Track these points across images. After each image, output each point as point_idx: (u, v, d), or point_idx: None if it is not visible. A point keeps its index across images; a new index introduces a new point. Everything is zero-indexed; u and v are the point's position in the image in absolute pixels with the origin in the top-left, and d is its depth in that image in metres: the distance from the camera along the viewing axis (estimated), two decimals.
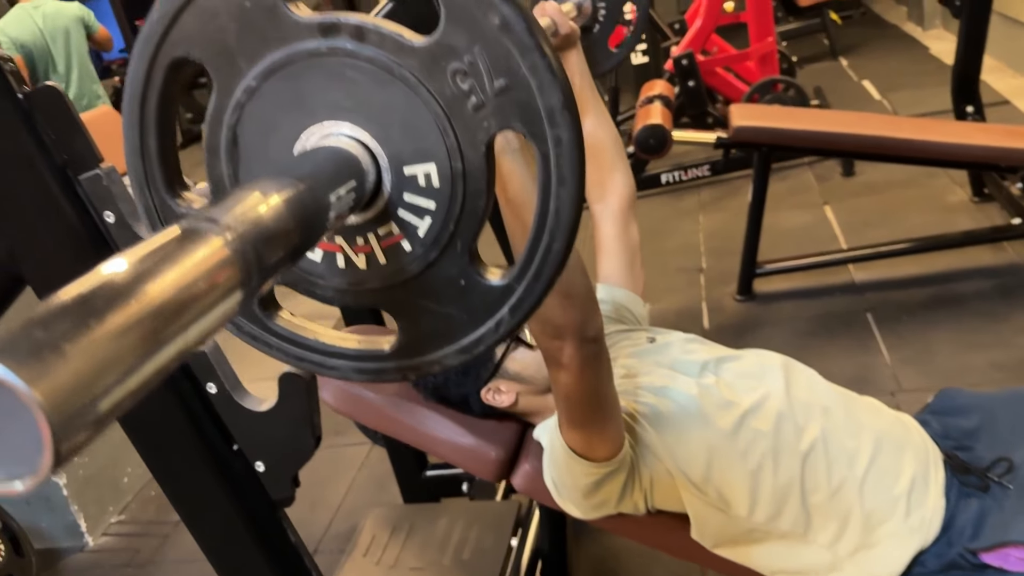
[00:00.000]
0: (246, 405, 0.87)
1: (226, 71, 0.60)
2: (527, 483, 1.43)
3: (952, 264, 3.04)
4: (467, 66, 0.57)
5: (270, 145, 0.62)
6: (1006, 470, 1.31)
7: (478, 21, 0.55)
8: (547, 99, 0.56)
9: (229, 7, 0.59)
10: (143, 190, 0.64)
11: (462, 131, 0.59)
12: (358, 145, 0.60)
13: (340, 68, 0.59)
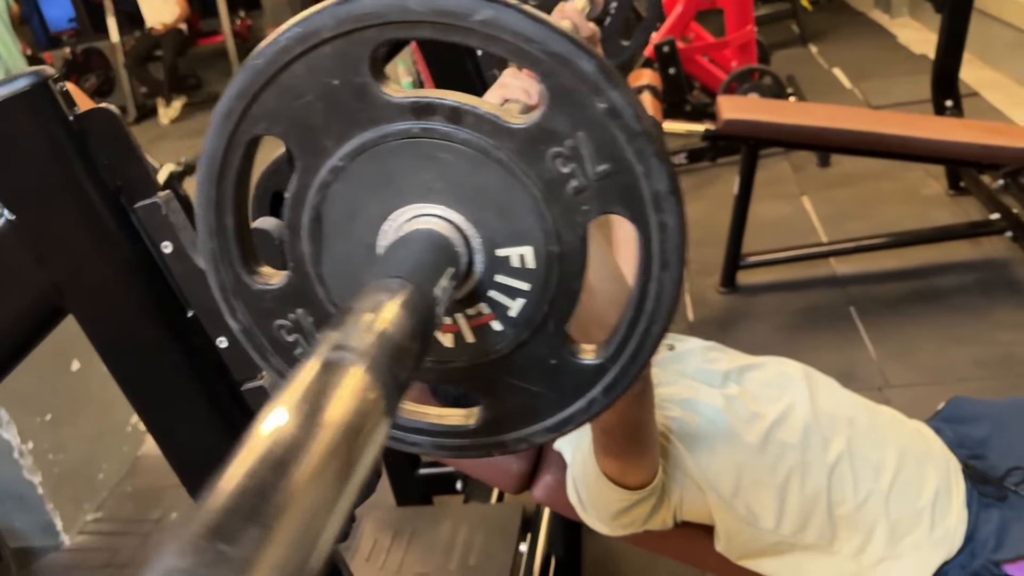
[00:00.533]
0: None
1: (310, 150, 0.58)
2: (548, 495, 1.41)
3: (931, 258, 3.09)
4: (568, 150, 0.55)
5: (356, 226, 0.60)
6: (1021, 479, 1.33)
7: (584, 106, 0.53)
8: (653, 184, 0.54)
9: (316, 86, 0.56)
10: (217, 267, 0.62)
11: (560, 214, 0.57)
12: (450, 227, 0.57)
13: (432, 149, 0.56)
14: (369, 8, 0.53)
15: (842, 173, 3.98)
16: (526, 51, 0.52)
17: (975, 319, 2.72)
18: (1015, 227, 2.94)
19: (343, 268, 0.61)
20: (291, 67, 0.55)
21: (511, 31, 0.51)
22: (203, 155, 0.59)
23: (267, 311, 0.63)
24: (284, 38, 0.55)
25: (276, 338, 0.64)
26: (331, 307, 0.62)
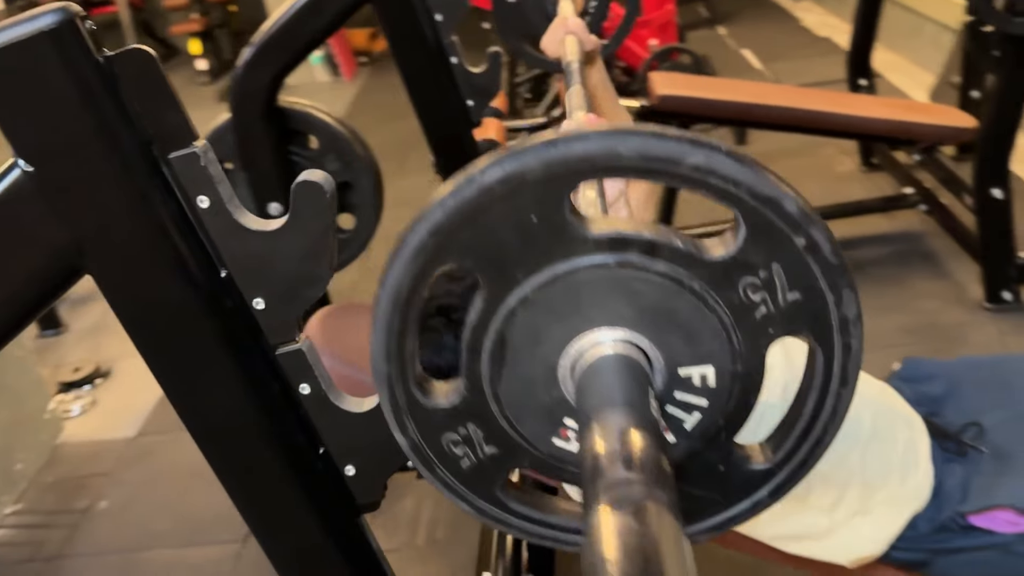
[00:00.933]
0: (343, 406, 0.79)
1: (499, 280, 0.60)
2: None
3: (850, 232, 3.22)
4: (762, 280, 0.58)
5: (538, 348, 0.61)
6: (977, 434, 1.40)
7: (783, 241, 0.56)
8: (843, 311, 0.58)
9: (514, 223, 0.57)
10: (392, 388, 0.64)
11: (745, 337, 0.60)
12: (637, 350, 0.59)
13: (625, 280, 0.58)
14: (579, 153, 0.54)
15: (759, 151, 4.09)
16: (733, 193, 0.55)
17: (896, 289, 2.85)
18: (928, 200, 3.10)
19: (521, 386, 0.63)
20: (492, 205, 0.56)
21: (721, 175, 0.54)
22: (386, 284, 0.60)
23: (437, 427, 0.65)
24: (488, 179, 0.55)
25: (443, 451, 0.66)
26: (503, 422, 0.64)
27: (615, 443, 0.50)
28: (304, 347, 0.76)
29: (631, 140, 0.53)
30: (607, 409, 0.54)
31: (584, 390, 0.58)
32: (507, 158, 0.54)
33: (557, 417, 0.63)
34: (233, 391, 0.77)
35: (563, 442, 0.64)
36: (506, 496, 0.68)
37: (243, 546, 2.24)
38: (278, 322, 0.75)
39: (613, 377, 0.57)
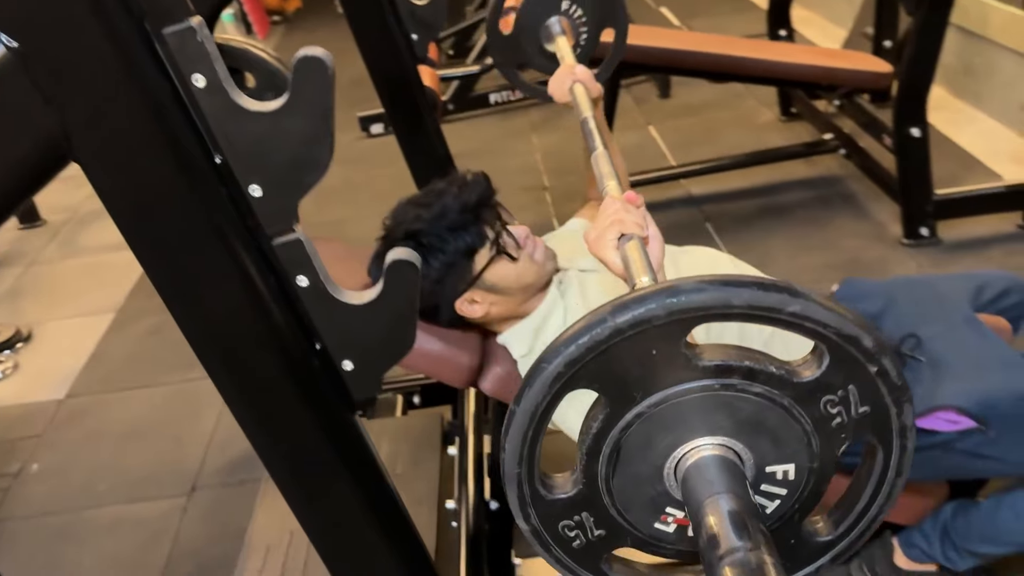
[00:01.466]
0: (342, 299, 0.78)
1: (620, 399, 0.70)
2: (497, 386, 1.42)
3: (774, 177, 3.32)
4: (839, 398, 0.70)
5: (648, 453, 0.73)
6: (915, 345, 1.48)
7: (858, 368, 0.68)
8: (903, 420, 0.71)
9: (638, 354, 0.67)
10: (520, 485, 0.74)
11: (822, 442, 0.72)
12: (731, 451, 0.72)
13: (726, 400, 0.70)
14: (697, 303, 0.64)
15: (682, 104, 4.17)
16: (823, 333, 0.66)
17: (819, 229, 2.96)
18: (848, 145, 3.22)
19: (631, 483, 0.75)
20: (621, 342, 0.66)
21: (814, 319, 0.65)
22: (523, 401, 0.70)
23: (555, 515, 0.76)
24: (621, 322, 0.65)
25: (559, 534, 0.77)
26: (613, 511, 0.76)
27: (726, 520, 0.65)
28: (302, 237, 0.75)
29: (743, 292, 0.64)
30: (716, 495, 0.67)
31: (690, 483, 0.71)
32: (635, 304, 0.65)
33: (660, 506, 0.76)
34: (227, 283, 0.75)
35: (663, 525, 0.78)
36: (608, 568, 0.81)
37: (189, 500, 2.19)
38: (275, 210, 0.74)
39: (714, 472, 0.70)
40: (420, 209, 1.38)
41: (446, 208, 1.37)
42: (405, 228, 1.37)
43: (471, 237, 1.36)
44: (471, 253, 1.37)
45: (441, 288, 1.38)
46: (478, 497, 1.65)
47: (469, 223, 1.37)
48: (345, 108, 4.66)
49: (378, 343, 0.81)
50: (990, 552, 1.50)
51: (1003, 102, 3.41)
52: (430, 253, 1.35)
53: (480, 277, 1.38)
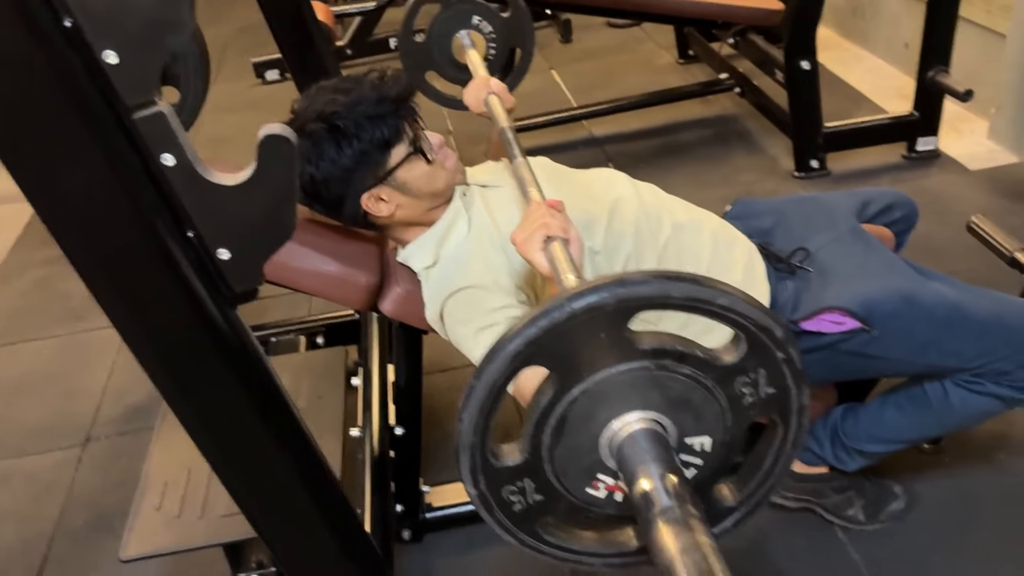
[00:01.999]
0: (213, 180, 0.74)
1: (569, 376, 0.78)
2: (398, 307, 1.39)
3: (673, 117, 3.37)
4: (751, 380, 0.80)
5: (589, 424, 0.81)
6: (804, 257, 1.53)
7: (769, 355, 0.79)
8: (801, 400, 0.83)
9: (588, 336, 0.75)
10: (473, 454, 0.80)
11: (735, 417, 0.83)
12: (657, 425, 0.81)
13: (659, 379, 0.79)
14: (642, 293, 0.74)
15: (584, 48, 4.17)
16: (742, 323, 0.76)
17: (717, 166, 3.02)
18: (742, 84, 3.28)
19: (570, 452, 0.82)
20: (574, 325, 0.74)
21: (737, 311, 0.75)
22: (483, 377, 0.76)
23: (500, 481, 0.83)
24: (577, 307, 0.73)
25: (502, 499, 0.85)
26: (552, 477, 0.84)
27: (659, 483, 0.75)
28: (165, 110, 0.71)
29: (680, 286, 0.74)
30: (648, 463, 0.77)
31: (625, 451, 0.80)
32: (590, 293, 0.73)
33: (593, 473, 0.84)
34: (85, 158, 0.70)
35: (594, 491, 0.86)
36: (543, 531, 0.88)
37: (83, 450, 2.11)
38: (134, 79, 0.70)
39: (646, 443, 0.79)
40: (336, 94, 1.32)
41: (363, 96, 1.32)
42: (317, 110, 1.32)
43: (388, 129, 1.32)
44: (387, 146, 1.33)
45: (350, 177, 1.33)
46: (383, 424, 1.64)
47: (387, 114, 1.32)
48: (238, 54, 4.49)
49: (255, 228, 0.78)
50: (877, 451, 1.58)
51: (888, 41, 3.53)
52: (344, 138, 1.30)
53: (393, 173, 1.34)
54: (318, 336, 2.15)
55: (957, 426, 1.51)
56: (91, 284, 0.77)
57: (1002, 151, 2.84)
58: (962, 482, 1.72)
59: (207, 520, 1.47)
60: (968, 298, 1.40)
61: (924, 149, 2.85)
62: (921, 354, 1.40)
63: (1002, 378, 1.38)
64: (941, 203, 2.62)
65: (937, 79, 2.66)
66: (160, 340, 0.82)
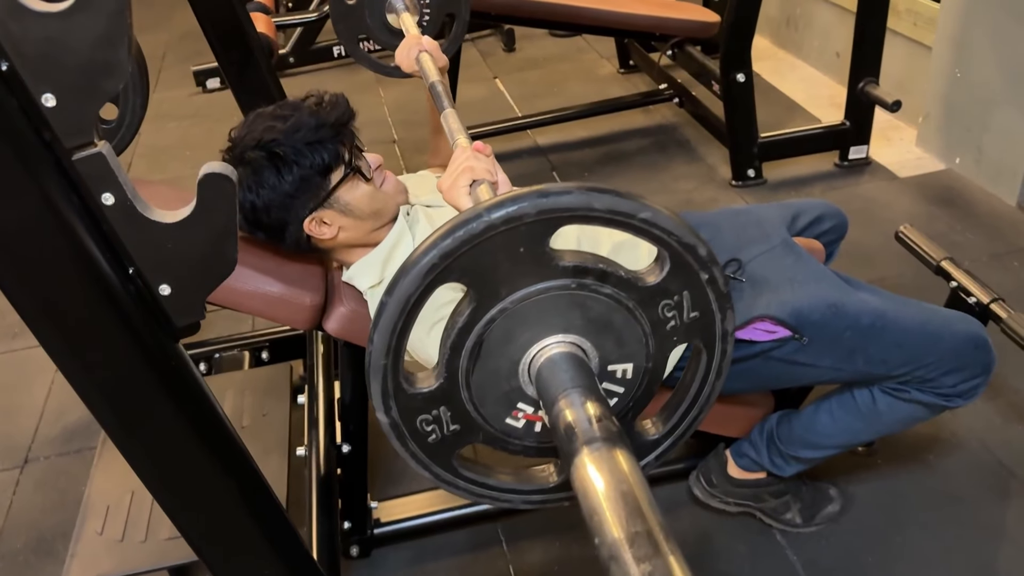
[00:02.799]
0: (153, 218, 0.75)
1: (486, 294, 0.74)
2: (343, 326, 1.40)
3: (614, 127, 3.42)
4: (674, 303, 0.78)
5: (507, 348, 0.77)
6: (737, 268, 1.58)
7: (692, 275, 0.77)
8: (725, 326, 0.81)
9: (506, 251, 0.72)
10: (385, 377, 0.76)
11: (657, 344, 0.80)
12: (579, 349, 0.77)
13: (581, 299, 0.76)
14: (564, 204, 0.70)
15: (527, 58, 4.21)
16: (666, 240, 0.74)
17: (657, 174, 3.08)
18: (681, 94, 3.35)
19: (488, 377, 0.79)
20: (492, 238, 0.70)
21: (660, 227, 0.73)
22: (395, 292, 0.72)
23: (414, 409, 0.79)
24: (495, 217, 0.69)
25: (416, 428, 0.80)
26: (469, 406, 0.80)
27: (582, 411, 0.70)
28: (104, 151, 0.72)
29: (604, 198, 0.71)
30: (569, 390, 0.72)
31: (544, 377, 0.76)
32: (510, 202, 0.69)
33: (512, 401, 0.81)
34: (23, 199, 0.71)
35: (513, 421, 0.82)
36: (459, 465, 0.85)
37: (22, 472, 2.07)
38: (72, 121, 0.70)
39: (567, 368, 0.75)
40: (274, 121, 1.33)
41: (302, 122, 1.33)
42: (255, 138, 1.32)
43: (328, 154, 1.33)
44: (327, 171, 1.34)
45: (291, 203, 1.33)
46: (329, 442, 1.64)
47: (326, 139, 1.33)
48: (178, 62, 4.43)
49: (196, 264, 0.78)
50: (811, 456, 1.63)
51: (820, 51, 3.64)
52: (284, 165, 1.31)
53: (333, 195, 1.35)
54: (263, 351, 2.14)
55: (886, 431, 1.58)
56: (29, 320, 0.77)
57: (930, 158, 2.95)
58: (894, 483, 1.79)
59: (151, 544, 1.46)
60: (893, 307, 1.46)
61: (856, 157, 2.95)
62: (849, 361, 1.45)
63: (926, 385, 1.45)
64: (872, 210, 2.71)
65: (867, 90, 2.75)
66: (101, 375, 0.82)
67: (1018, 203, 2.63)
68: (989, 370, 1.45)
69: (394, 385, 0.77)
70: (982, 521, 1.69)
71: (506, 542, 1.75)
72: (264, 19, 2.81)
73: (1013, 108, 2.56)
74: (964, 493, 1.75)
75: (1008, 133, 2.61)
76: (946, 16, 2.74)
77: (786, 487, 1.71)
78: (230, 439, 0.95)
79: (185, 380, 0.86)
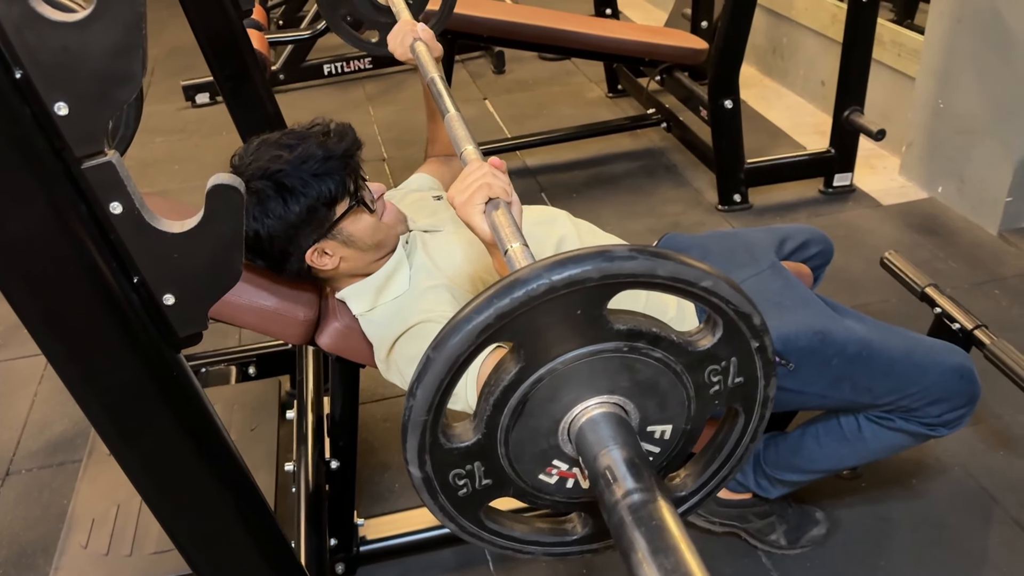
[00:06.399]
0: (160, 227, 0.75)
1: (537, 353, 0.72)
2: (336, 341, 1.40)
3: (602, 150, 3.45)
4: (721, 368, 0.78)
5: (550, 407, 0.76)
6: None
7: (743, 343, 0.76)
8: (768, 392, 0.81)
9: (563, 312, 0.70)
10: (423, 432, 0.74)
11: (698, 407, 0.80)
12: (621, 410, 0.77)
13: (630, 362, 0.75)
14: (628, 269, 0.69)
15: (517, 79, 4.25)
16: (723, 308, 0.74)
17: (644, 197, 3.11)
18: (669, 119, 3.39)
19: (528, 435, 0.77)
20: (551, 300, 0.68)
21: (719, 295, 0.73)
22: (444, 348, 0.69)
23: (449, 463, 0.78)
24: (556, 280, 0.67)
25: (447, 483, 0.79)
26: (504, 461, 0.79)
27: (622, 466, 0.70)
28: (114, 159, 0.72)
29: (667, 265, 0.70)
30: (612, 446, 0.72)
31: (587, 435, 0.75)
32: (572, 264, 0.67)
33: (549, 458, 0.80)
34: (31, 209, 0.71)
35: (546, 477, 0.82)
36: (485, 518, 0.84)
37: (3, 484, 2.04)
38: (84, 130, 0.70)
39: (610, 426, 0.74)
40: (281, 150, 1.31)
41: (310, 153, 1.31)
42: (261, 167, 1.31)
43: (335, 185, 1.31)
44: (333, 202, 1.33)
45: (295, 233, 1.32)
46: (318, 458, 1.64)
47: (333, 171, 1.32)
48: (167, 77, 4.43)
49: (201, 275, 0.79)
50: (797, 480, 1.64)
51: (805, 79, 3.70)
52: (291, 196, 1.30)
53: (337, 227, 1.35)
54: (249, 366, 2.14)
55: (871, 457, 1.59)
56: (31, 326, 0.77)
57: (913, 187, 3.00)
58: (878, 507, 1.80)
59: (136, 558, 1.45)
60: (879, 336, 1.48)
61: (840, 184, 2.99)
62: (835, 388, 1.47)
63: (911, 414, 1.46)
64: (856, 236, 2.75)
65: (852, 119, 2.80)
66: (102, 383, 0.82)
67: (999, 232, 2.68)
68: (974, 401, 1.47)
69: (431, 440, 0.75)
70: (965, 547, 1.71)
71: (492, 562, 1.75)
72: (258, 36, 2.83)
73: (994, 139, 2.61)
74: (947, 518, 1.77)
75: (989, 163, 2.66)
76: (929, 48, 2.80)
77: (772, 508, 1.73)
78: (227, 451, 0.95)
79: (185, 390, 0.86)
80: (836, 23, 3.24)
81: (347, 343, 1.40)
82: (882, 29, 2.95)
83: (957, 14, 2.65)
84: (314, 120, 1.39)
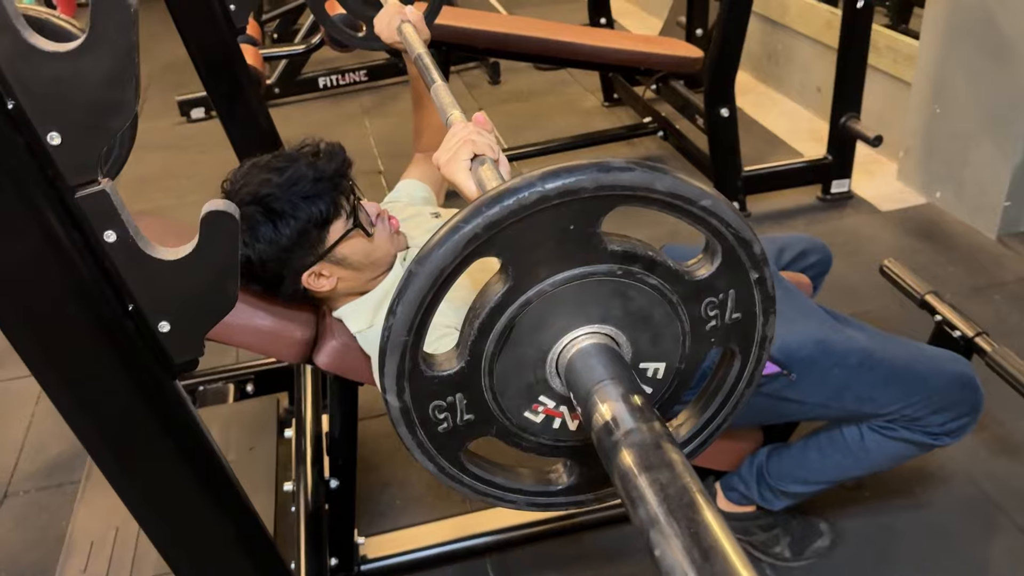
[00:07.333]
0: (154, 255, 0.74)
1: (526, 273, 0.68)
2: (333, 360, 1.39)
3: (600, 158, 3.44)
4: (719, 300, 0.73)
5: (538, 335, 0.70)
6: None
7: (741, 273, 0.72)
8: (766, 331, 0.76)
9: (555, 227, 0.65)
10: (403, 355, 0.68)
11: (693, 344, 0.75)
12: (613, 343, 0.71)
13: (624, 288, 0.70)
14: (625, 181, 0.65)
15: (512, 90, 4.25)
16: (723, 232, 0.69)
17: None
18: (665, 127, 3.39)
19: (513, 365, 0.72)
20: (543, 211, 0.64)
21: (719, 216, 0.68)
22: (428, 262, 0.64)
23: (429, 393, 0.72)
24: (550, 188, 0.63)
25: (427, 416, 0.74)
26: (488, 394, 0.73)
27: (620, 403, 0.63)
28: (108, 188, 0.72)
29: (665, 179, 0.66)
30: (606, 381, 0.66)
31: (578, 369, 0.69)
32: (566, 174, 0.64)
33: (535, 394, 0.75)
34: (25, 235, 0.70)
35: (532, 415, 0.76)
36: (466, 460, 0.78)
37: (1, 508, 2.02)
38: (77, 159, 0.70)
39: (603, 359, 0.69)
40: (270, 173, 1.30)
41: (299, 175, 1.29)
42: (251, 191, 1.29)
43: (326, 207, 1.30)
44: (324, 224, 1.31)
45: (288, 257, 1.31)
46: (317, 477, 1.63)
47: (324, 192, 1.30)
48: (162, 92, 4.43)
49: (196, 301, 0.78)
50: (800, 491, 1.63)
51: (801, 86, 3.70)
52: (281, 219, 1.28)
53: (332, 250, 1.33)
54: (248, 384, 2.12)
55: (875, 468, 1.58)
56: (24, 355, 0.77)
57: (911, 192, 2.99)
58: (882, 517, 1.79)
59: None
60: (880, 345, 1.47)
61: (838, 191, 2.99)
62: (837, 398, 1.46)
63: (914, 424, 1.45)
64: (855, 243, 2.74)
65: (849, 125, 2.80)
66: (97, 412, 0.81)
67: (998, 237, 2.67)
68: (977, 409, 1.46)
69: (411, 365, 0.69)
70: (969, 556, 1.70)
71: None
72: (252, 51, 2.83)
73: (991, 144, 2.61)
74: (951, 527, 1.76)
75: (987, 168, 2.65)
76: (925, 54, 2.80)
77: (775, 520, 1.71)
78: (225, 476, 0.94)
79: (182, 418, 0.85)
80: (831, 29, 3.24)
81: (344, 361, 1.39)
82: (877, 35, 2.96)
83: (951, 19, 2.65)
84: (304, 140, 1.38)
